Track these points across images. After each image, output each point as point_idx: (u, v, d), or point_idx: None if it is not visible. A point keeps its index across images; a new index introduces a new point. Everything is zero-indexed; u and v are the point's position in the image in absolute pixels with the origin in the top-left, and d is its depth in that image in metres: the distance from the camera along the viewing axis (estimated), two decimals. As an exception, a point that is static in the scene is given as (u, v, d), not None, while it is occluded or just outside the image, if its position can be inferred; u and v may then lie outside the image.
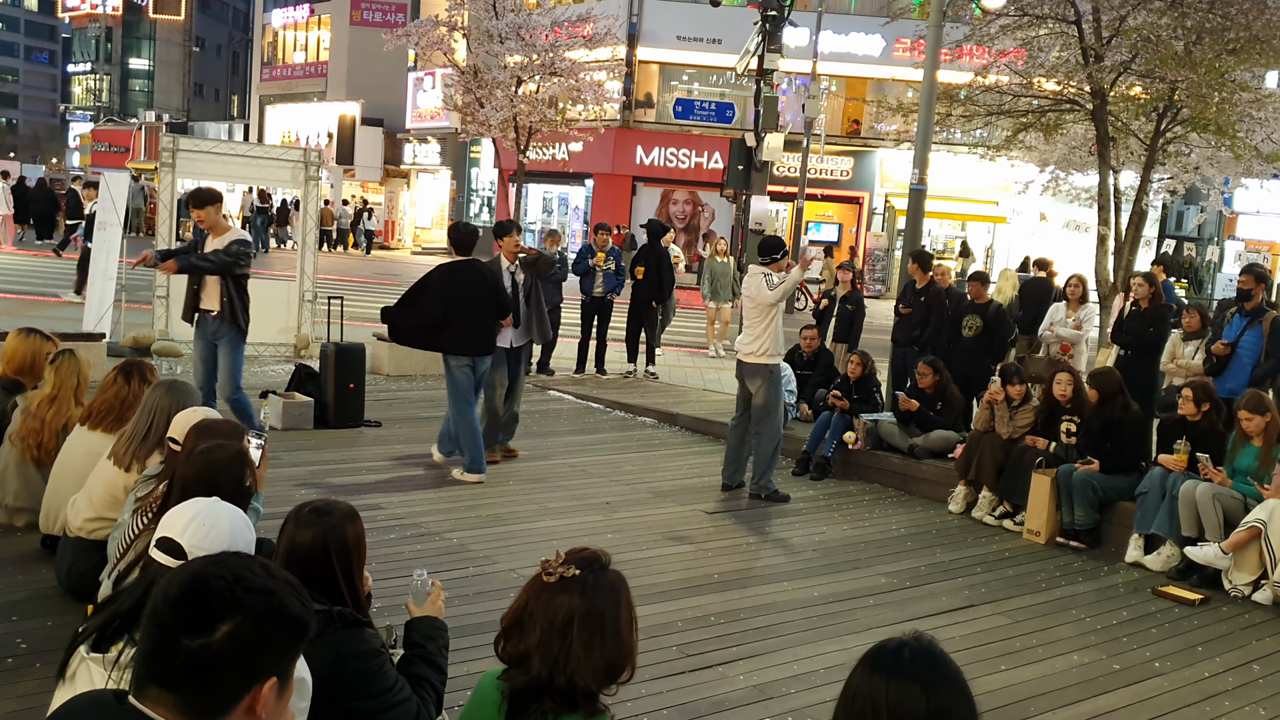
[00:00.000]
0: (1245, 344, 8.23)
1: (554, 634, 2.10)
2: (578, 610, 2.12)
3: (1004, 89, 16.11)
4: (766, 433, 8.04)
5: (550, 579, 2.13)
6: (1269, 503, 6.53)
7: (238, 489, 3.30)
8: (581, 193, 33.51)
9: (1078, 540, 7.48)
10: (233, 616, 1.56)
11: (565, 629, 2.10)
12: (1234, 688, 5.20)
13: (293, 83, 46.65)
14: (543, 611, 2.12)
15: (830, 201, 31.47)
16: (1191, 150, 17.11)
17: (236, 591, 1.57)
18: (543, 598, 2.13)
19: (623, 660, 2.18)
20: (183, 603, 1.57)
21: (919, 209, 11.65)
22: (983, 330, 10.04)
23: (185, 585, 1.59)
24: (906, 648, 1.79)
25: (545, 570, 2.15)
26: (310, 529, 2.88)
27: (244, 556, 1.68)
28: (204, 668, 1.55)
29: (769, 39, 16.83)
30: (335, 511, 2.96)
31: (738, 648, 5.24)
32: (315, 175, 12.46)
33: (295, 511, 2.96)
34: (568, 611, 2.11)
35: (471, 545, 6.51)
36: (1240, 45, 14.03)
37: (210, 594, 1.58)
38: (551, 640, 2.10)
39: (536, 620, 2.12)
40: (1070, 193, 20.75)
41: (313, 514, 2.93)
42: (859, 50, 30.31)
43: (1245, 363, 8.24)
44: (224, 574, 1.60)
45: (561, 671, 2.09)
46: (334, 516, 2.94)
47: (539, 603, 2.13)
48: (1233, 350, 8.31)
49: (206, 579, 1.59)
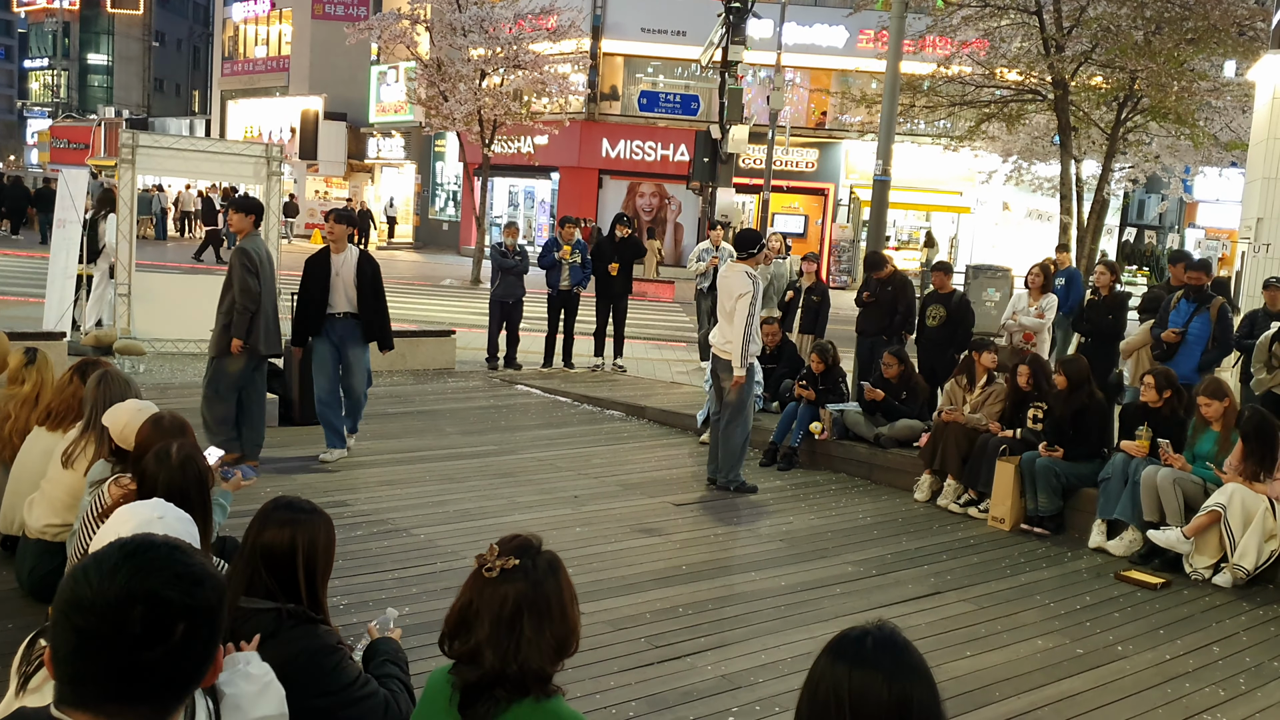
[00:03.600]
0: (1194, 330, 8.33)
1: (503, 625, 2.12)
2: (524, 598, 2.13)
3: (967, 79, 16.25)
4: (735, 426, 8.05)
5: (491, 574, 2.14)
6: (1228, 487, 6.63)
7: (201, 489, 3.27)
8: (548, 186, 33.43)
9: (1041, 527, 7.56)
10: (183, 614, 1.50)
11: (514, 619, 2.12)
12: (1194, 669, 5.28)
13: (254, 77, 46.17)
14: (489, 605, 2.13)
15: (796, 193, 31.57)
16: (1152, 139, 17.35)
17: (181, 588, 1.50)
18: (486, 592, 2.14)
19: (569, 636, 2.21)
20: (131, 622, 1.46)
21: (883, 200, 11.72)
22: (946, 320, 10.12)
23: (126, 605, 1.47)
24: (869, 636, 1.81)
25: (484, 565, 2.16)
26: (282, 527, 2.85)
27: (153, 544, 1.55)
28: (171, 670, 1.50)
29: (733, 31, 16.86)
30: (310, 511, 2.94)
31: (706, 638, 5.26)
32: (278, 171, 12.34)
33: (266, 507, 2.94)
34: (515, 601, 2.13)
35: (440, 541, 6.49)
36: (1198, 35, 14.24)
37: (157, 604, 1.48)
38: (501, 631, 2.12)
39: (483, 615, 2.13)
40: (1033, 182, 20.97)
41: (286, 510, 2.90)
42: (823, 41, 30.39)
43: (1194, 349, 8.34)
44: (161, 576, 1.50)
45: (513, 660, 2.11)
46: (307, 516, 2.91)
47: (483, 598, 2.14)
48: (1182, 337, 8.41)
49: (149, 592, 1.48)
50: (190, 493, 3.19)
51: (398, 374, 11.82)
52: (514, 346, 12.74)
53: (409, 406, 10.32)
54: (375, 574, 5.87)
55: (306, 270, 8.20)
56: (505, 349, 12.69)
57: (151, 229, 32.44)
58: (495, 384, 11.95)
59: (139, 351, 11.46)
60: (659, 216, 32.16)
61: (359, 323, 8.20)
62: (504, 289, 12.54)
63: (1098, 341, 10.02)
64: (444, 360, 12.48)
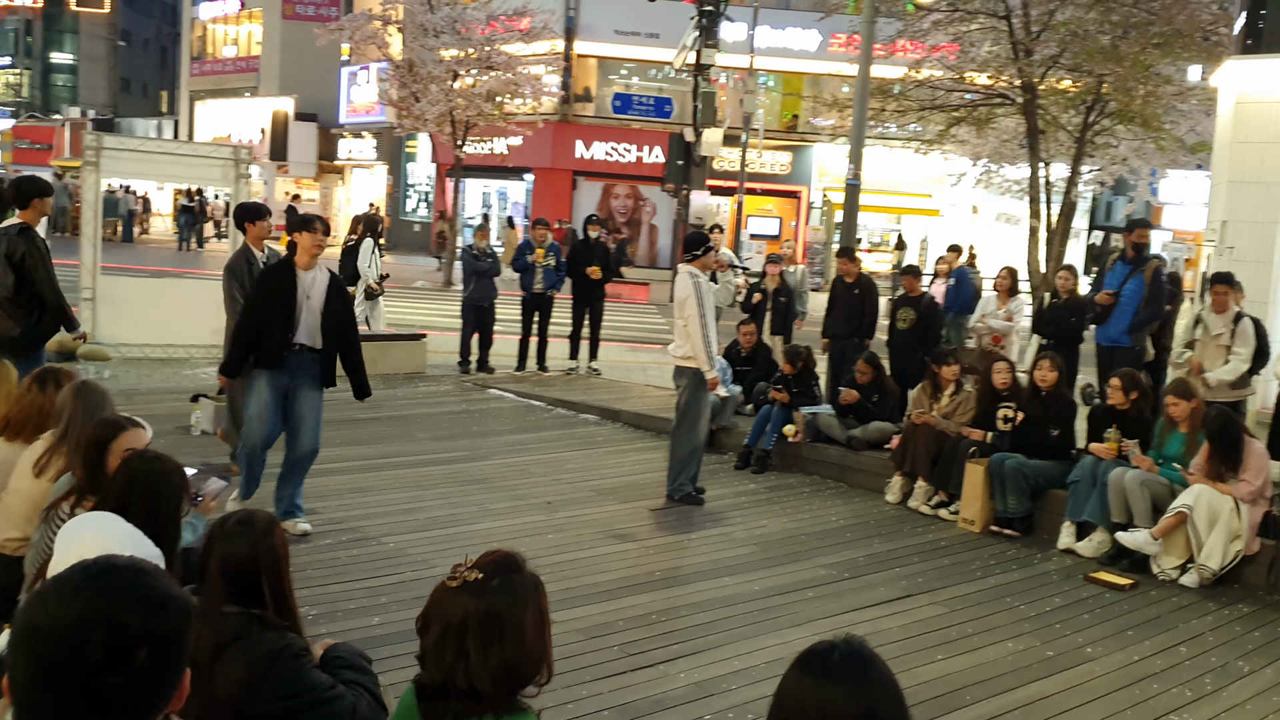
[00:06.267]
0: (1127, 292, 8.40)
1: (448, 636, 2.09)
2: (473, 613, 2.09)
3: (937, 83, 16.33)
4: (683, 436, 7.91)
5: (453, 583, 2.13)
6: (1194, 488, 6.70)
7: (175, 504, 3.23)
8: (521, 187, 33.36)
9: (1011, 528, 7.61)
10: (145, 640, 1.45)
11: (460, 632, 2.09)
12: (1162, 670, 5.33)
13: (224, 78, 45.81)
14: (440, 615, 2.11)
15: (769, 195, 31.66)
16: (1119, 142, 17.47)
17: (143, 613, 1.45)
18: (444, 601, 2.13)
19: (525, 663, 2.14)
20: (90, 647, 1.42)
21: (854, 204, 11.78)
22: (916, 322, 10.19)
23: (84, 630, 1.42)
24: (836, 650, 1.80)
25: (450, 574, 2.15)
26: (239, 541, 2.86)
27: (115, 566, 1.50)
28: (133, 696, 1.46)
29: (706, 34, 16.88)
30: (259, 522, 2.94)
31: (679, 645, 5.26)
32: (246, 173, 12.24)
33: (219, 525, 2.93)
34: (463, 614, 2.09)
35: (410, 549, 6.45)
36: (1164, 39, 14.36)
37: (116, 629, 1.43)
38: (445, 642, 2.09)
39: (434, 624, 2.12)
40: (1002, 185, 21.09)
41: (239, 525, 2.90)
42: (795, 45, 30.49)
43: (1127, 310, 8.41)
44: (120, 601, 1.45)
45: (461, 674, 2.09)
46: (259, 527, 2.92)
47: (439, 606, 2.13)
48: (1116, 299, 8.47)
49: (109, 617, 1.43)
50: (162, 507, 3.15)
51: (369, 378, 11.74)
52: (486, 350, 12.70)
53: (379, 412, 10.26)
54: (344, 583, 5.83)
55: (267, 285, 6.56)
56: (478, 352, 12.64)
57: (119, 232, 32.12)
58: (467, 388, 11.91)
59: (103, 357, 11.34)
60: (634, 218, 32.16)
61: (319, 362, 6.59)
62: (478, 292, 12.49)
63: (1060, 344, 10.12)
64: (415, 364, 12.42)
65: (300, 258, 6.46)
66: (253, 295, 6.64)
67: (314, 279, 6.51)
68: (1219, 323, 7.99)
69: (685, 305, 7.69)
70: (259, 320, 6.48)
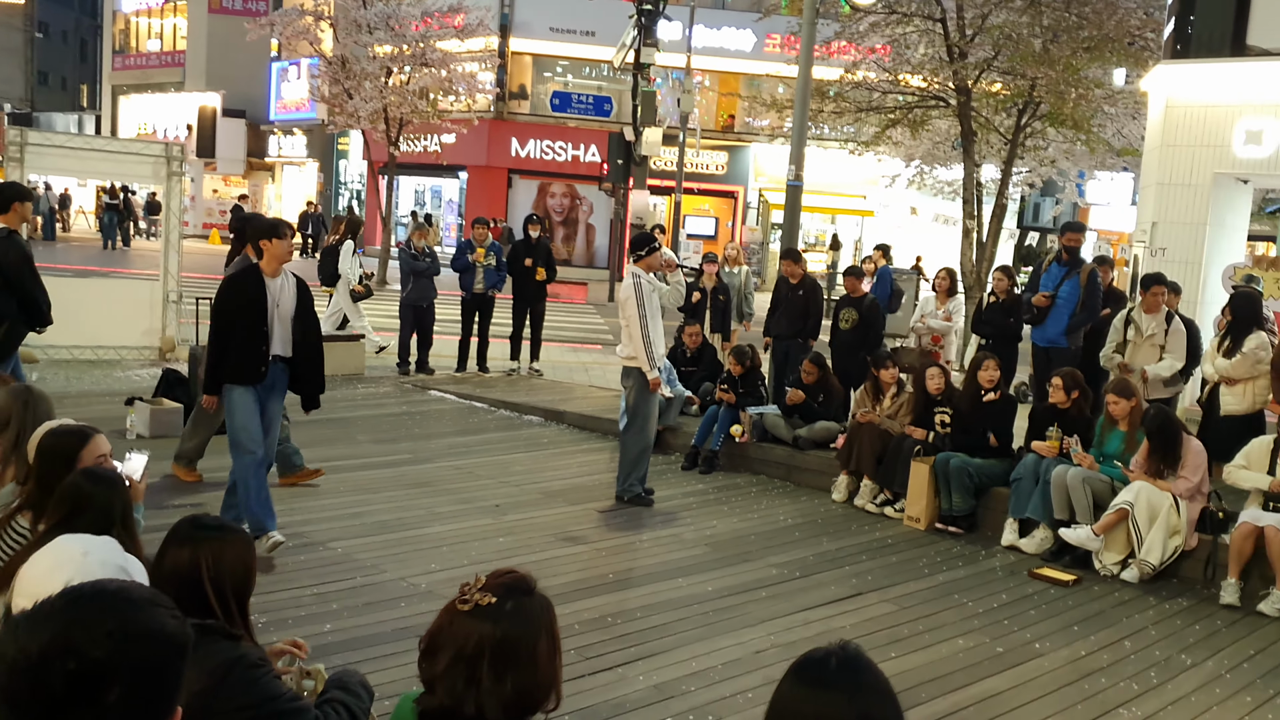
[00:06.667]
0: (1063, 294, 8.57)
1: (462, 663, 2.02)
2: (488, 639, 2.02)
3: (873, 85, 16.52)
4: (633, 436, 7.89)
5: (465, 606, 2.05)
6: (1134, 485, 6.84)
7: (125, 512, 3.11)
8: (455, 185, 33.06)
9: (955, 525, 7.71)
10: (118, 676, 1.34)
11: (475, 659, 2.01)
12: (1108, 665, 5.43)
13: (148, 72, 44.70)
14: (452, 639, 2.03)
15: (706, 195, 31.76)
16: (1049, 144, 17.83)
17: (113, 646, 1.34)
18: (455, 624, 2.04)
19: (537, 691, 2.08)
20: (51, 683, 1.31)
21: (796, 204, 11.86)
22: (858, 323, 10.28)
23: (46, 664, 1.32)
24: (832, 658, 1.78)
25: (462, 596, 2.07)
26: (183, 545, 2.73)
27: (96, 593, 1.41)
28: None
29: (644, 33, 16.87)
30: (217, 528, 2.81)
31: (636, 647, 5.23)
32: (178, 170, 11.95)
33: (174, 526, 2.80)
34: (479, 641, 2.02)
35: (358, 554, 6.35)
36: (1094, 43, 14.70)
37: (82, 663, 1.32)
38: (457, 669, 2.02)
39: (446, 648, 2.03)
40: (934, 186, 21.43)
41: (189, 527, 2.77)
42: (731, 45, 30.62)
43: (1063, 311, 8.57)
44: (90, 633, 1.34)
45: (470, 700, 2.02)
46: (212, 534, 2.79)
47: (451, 630, 2.04)
48: (1052, 301, 8.64)
49: (73, 650, 1.32)
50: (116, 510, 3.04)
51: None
52: (426, 350, 12.56)
53: (319, 415, 9.94)
54: (292, 590, 5.71)
55: (237, 298, 6.19)
56: (417, 353, 12.49)
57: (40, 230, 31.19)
58: (407, 389, 11.75)
59: (31, 359, 10.97)
60: (570, 217, 32.05)
61: (288, 371, 6.42)
62: (416, 292, 12.34)
63: (997, 343, 10.29)
64: (353, 366, 12.22)
65: (269, 265, 6.18)
66: (223, 309, 6.23)
67: (281, 286, 6.25)
68: (1151, 323, 8.17)
69: (626, 305, 7.68)
70: (237, 335, 6.17)
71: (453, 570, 6.12)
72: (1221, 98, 10.81)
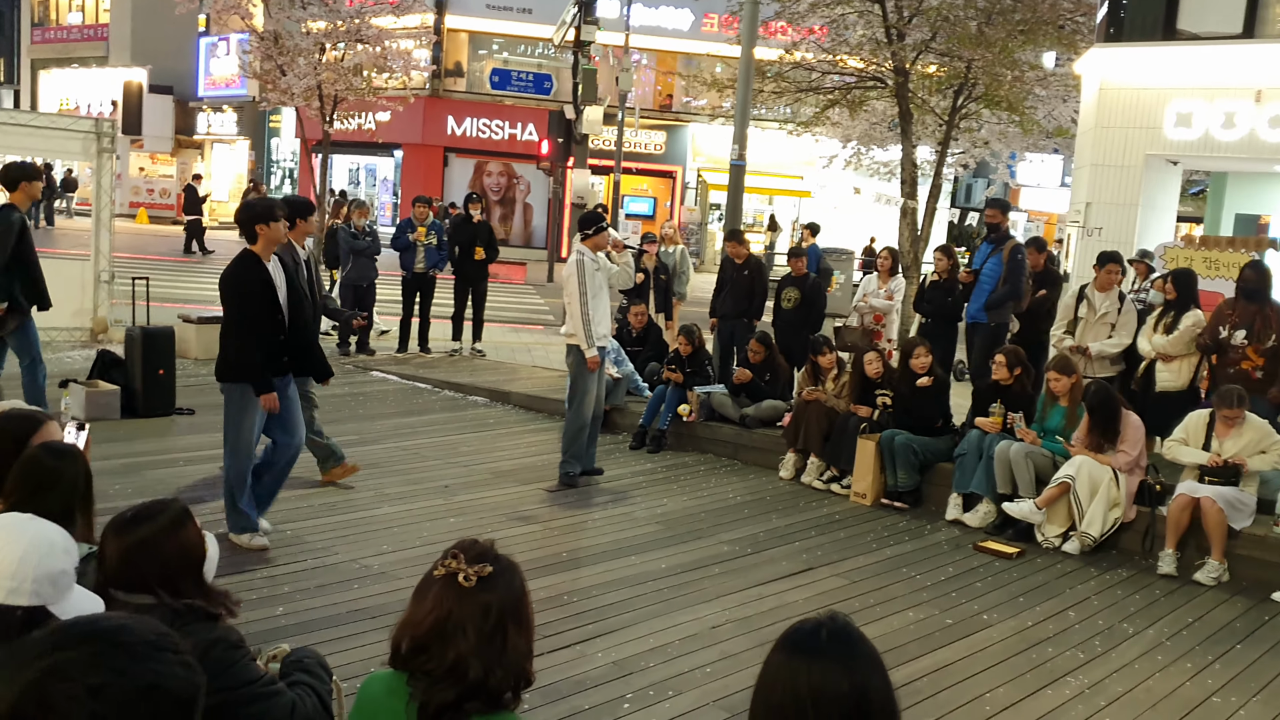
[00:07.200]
0: (986, 270, 8.72)
1: (487, 635, 2.06)
2: (506, 605, 2.10)
3: (811, 66, 16.60)
4: (571, 415, 7.88)
5: (469, 584, 2.06)
6: (1075, 459, 7.01)
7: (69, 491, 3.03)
8: (390, 163, 32.63)
9: (901, 501, 7.83)
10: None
11: (498, 627, 2.07)
12: (1054, 634, 5.57)
13: (70, 46, 43.37)
14: (471, 616, 2.05)
15: (645, 175, 31.71)
16: (983, 125, 18.08)
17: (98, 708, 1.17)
18: (466, 602, 2.06)
19: (534, 635, 2.20)
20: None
21: (739, 185, 11.88)
22: (801, 302, 10.37)
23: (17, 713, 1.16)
24: (823, 628, 1.80)
25: (461, 576, 2.07)
26: (129, 536, 2.62)
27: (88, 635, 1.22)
28: None
29: (585, 11, 16.76)
30: (159, 516, 2.70)
31: (593, 625, 5.25)
32: (109, 147, 11.63)
33: (116, 519, 2.69)
34: (498, 609, 2.08)
35: (308, 536, 6.27)
36: (1028, 26, 14.90)
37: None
38: (485, 641, 2.06)
39: (467, 627, 2.04)
40: (871, 167, 21.62)
41: (133, 522, 2.67)
42: (669, 24, 30.55)
43: (986, 287, 8.72)
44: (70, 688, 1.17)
45: (497, 668, 2.05)
46: (157, 522, 2.68)
47: (464, 609, 2.05)
48: (975, 276, 8.79)
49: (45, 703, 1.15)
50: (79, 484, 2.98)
51: (246, 361, 11.35)
52: (367, 331, 12.40)
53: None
54: (242, 573, 5.63)
55: (256, 290, 5.91)
56: (357, 334, 12.33)
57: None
58: (349, 370, 11.60)
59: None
60: (507, 196, 31.81)
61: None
62: (356, 272, 12.18)
63: (937, 323, 10.43)
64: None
65: (265, 250, 5.93)
66: (247, 305, 5.92)
67: (275, 269, 6.02)
68: (1105, 301, 8.32)
69: (569, 283, 7.67)
70: (267, 329, 5.95)
71: (405, 551, 6.08)
72: (1153, 81, 11.05)
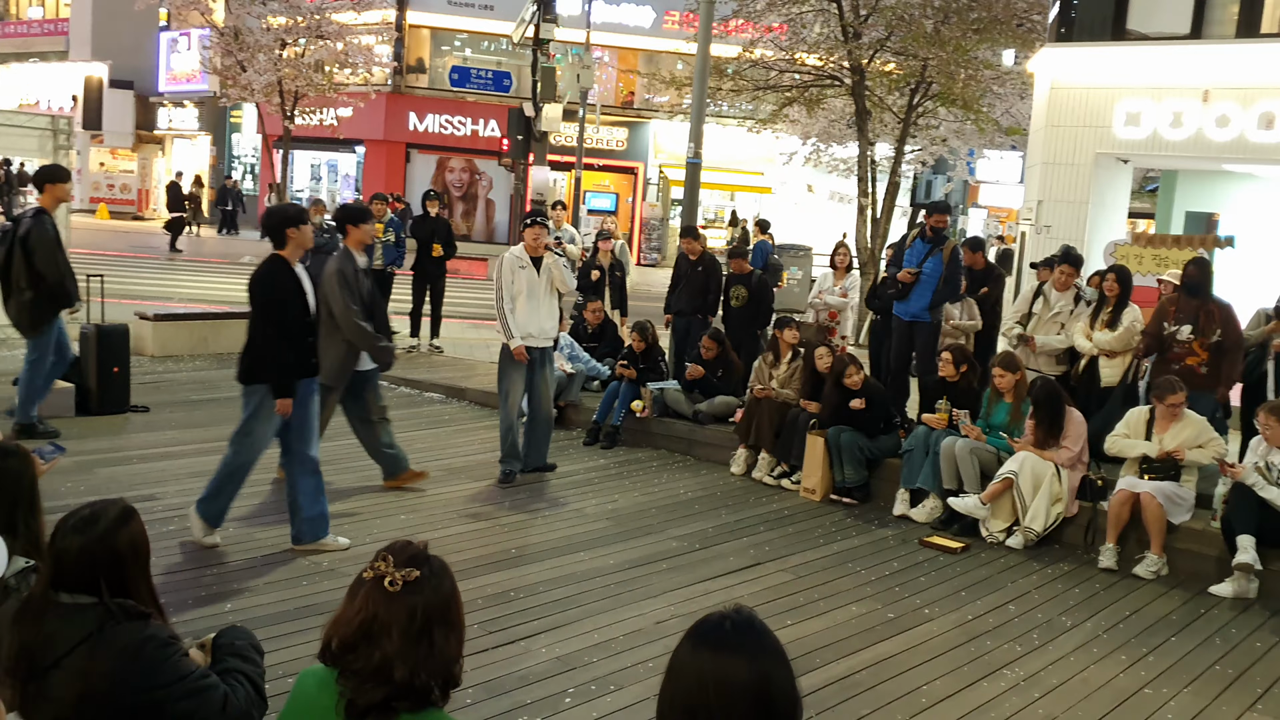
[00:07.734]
0: (928, 270, 8.84)
1: (413, 638, 2.10)
2: (432, 609, 2.13)
3: (770, 64, 16.70)
4: (501, 413, 7.95)
5: (395, 588, 2.11)
6: (1019, 455, 7.13)
7: None
8: (352, 160, 32.46)
9: (850, 496, 7.94)
10: None
11: (424, 630, 2.11)
12: (994, 627, 5.68)
13: (29, 40, 42.73)
14: (397, 619, 2.10)
15: (607, 171, 31.73)
16: (940, 123, 18.27)
17: None
18: (393, 606, 2.10)
19: (463, 635, 2.23)
20: None
21: (696, 181, 11.95)
22: (749, 299, 10.45)
23: None
24: (727, 620, 1.87)
25: (388, 580, 2.12)
26: (76, 538, 2.65)
27: None
28: None
29: (544, 8, 16.77)
30: (103, 518, 2.73)
31: (539, 620, 5.30)
32: (66, 144, 11.52)
33: (62, 521, 2.72)
34: (424, 613, 2.12)
35: (258, 534, 6.28)
36: (983, 25, 15.08)
37: None
38: (411, 644, 2.10)
39: (392, 629, 2.09)
40: (830, 164, 21.78)
41: (81, 524, 2.69)
42: (630, 21, 30.57)
43: (927, 287, 8.84)
44: None
45: (422, 671, 2.10)
46: (101, 525, 2.70)
47: (390, 612, 2.10)
48: (917, 277, 8.92)
49: None
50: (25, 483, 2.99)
51: (201, 359, 11.30)
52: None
53: (215, 393, 9.87)
54: (194, 569, 5.64)
55: (290, 294, 5.94)
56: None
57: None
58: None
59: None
60: (469, 192, 31.74)
61: None
62: (314, 268, 12.09)
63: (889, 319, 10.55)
64: (250, 343, 11.96)
65: (294, 254, 5.95)
66: (282, 311, 5.94)
67: (300, 273, 6.00)
68: (1061, 299, 8.44)
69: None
70: (295, 330, 5.98)
71: (355, 548, 6.10)
72: (1102, 80, 11.23)
